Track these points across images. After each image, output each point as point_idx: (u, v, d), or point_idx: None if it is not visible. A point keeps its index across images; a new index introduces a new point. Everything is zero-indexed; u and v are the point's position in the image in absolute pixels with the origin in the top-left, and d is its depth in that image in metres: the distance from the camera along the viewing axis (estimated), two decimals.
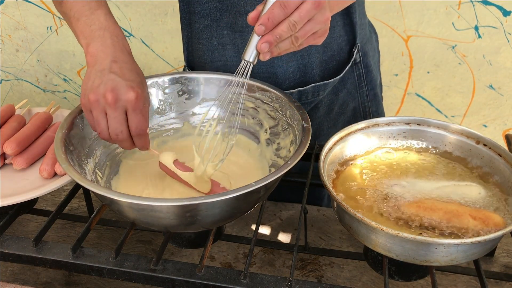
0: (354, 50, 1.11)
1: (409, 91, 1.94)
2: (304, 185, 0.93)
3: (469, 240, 0.68)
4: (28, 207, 0.97)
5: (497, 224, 0.74)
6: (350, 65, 1.12)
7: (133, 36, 1.95)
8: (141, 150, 0.86)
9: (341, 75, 1.10)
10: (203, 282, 0.74)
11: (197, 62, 1.13)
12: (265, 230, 1.03)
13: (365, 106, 1.20)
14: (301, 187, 0.95)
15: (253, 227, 1.03)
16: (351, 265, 0.94)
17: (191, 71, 1.13)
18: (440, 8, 1.75)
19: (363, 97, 1.18)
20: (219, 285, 0.74)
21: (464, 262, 0.73)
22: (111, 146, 0.94)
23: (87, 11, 0.87)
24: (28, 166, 1.01)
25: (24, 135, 1.02)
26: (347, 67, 1.11)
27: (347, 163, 0.90)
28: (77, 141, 0.86)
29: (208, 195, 0.71)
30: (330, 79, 1.09)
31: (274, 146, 0.96)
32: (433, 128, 0.93)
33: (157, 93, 1.01)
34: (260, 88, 0.97)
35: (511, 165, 0.83)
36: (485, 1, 1.71)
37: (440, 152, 0.92)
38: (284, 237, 1.01)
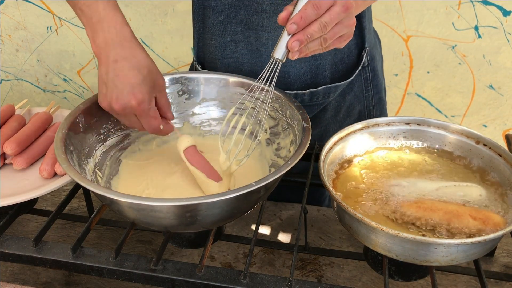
0: (363, 53, 1.12)
1: (409, 91, 1.94)
2: (304, 185, 0.93)
3: (469, 240, 0.68)
4: (28, 207, 0.97)
5: (497, 224, 0.74)
6: (359, 68, 1.12)
7: None
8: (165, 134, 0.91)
9: (352, 77, 1.10)
10: (203, 282, 0.74)
11: (208, 58, 1.12)
12: (265, 230, 1.03)
13: (370, 110, 1.20)
14: (301, 187, 0.95)
15: (253, 227, 1.03)
16: (351, 265, 0.94)
17: (192, 71, 1.12)
18: (440, 8, 1.75)
19: (368, 100, 1.19)
20: (219, 285, 0.74)
21: (464, 262, 0.73)
22: (112, 146, 0.94)
23: (88, 1, 0.86)
24: (28, 166, 1.01)
25: (24, 135, 1.02)
26: (357, 70, 1.12)
27: (347, 163, 0.90)
28: (77, 141, 0.86)
29: (208, 195, 0.71)
30: (339, 81, 1.09)
31: (274, 146, 0.96)
32: (433, 128, 0.93)
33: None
34: (260, 87, 0.97)
35: (511, 165, 0.83)
36: (485, 1, 1.71)
37: (440, 152, 0.92)
38: (284, 237, 1.01)
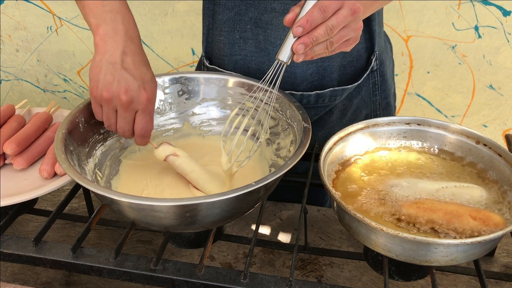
0: (372, 57, 1.11)
1: (409, 91, 1.94)
2: (304, 185, 0.93)
3: (469, 240, 0.68)
4: (28, 207, 0.97)
5: (497, 224, 0.74)
6: (368, 72, 1.12)
7: None
8: (138, 145, 0.87)
9: (360, 81, 1.10)
10: (203, 282, 0.74)
11: (216, 54, 1.12)
12: (265, 230, 1.03)
13: (376, 115, 1.19)
14: (301, 187, 0.95)
15: (253, 227, 1.03)
16: (351, 265, 0.94)
17: (192, 71, 1.12)
18: (440, 8, 1.74)
19: (375, 105, 1.18)
20: (219, 285, 0.74)
21: (464, 262, 0.73)
22: (112, 146, 0.94)
23: None
24: (28, 166, 1.01)
25: (24, 135, 1.01)
26: (365, 74, 1.11)
27: (347, 163, 0.90)
28: (77, 141, 0.86)
29: (208, 195, 0.71)
30: (346, 84, 1.09)
31: (274, 146, 0.96)
32: (433, 128, 0.93)
33: (157, 93, 1.01)
34: (260, 87, 0.97)
35: (511, 165, 0.83)
36: (485, 1, 1.71)
37: (440, 152, 0.92)
38: (284, 237, 1.01)
